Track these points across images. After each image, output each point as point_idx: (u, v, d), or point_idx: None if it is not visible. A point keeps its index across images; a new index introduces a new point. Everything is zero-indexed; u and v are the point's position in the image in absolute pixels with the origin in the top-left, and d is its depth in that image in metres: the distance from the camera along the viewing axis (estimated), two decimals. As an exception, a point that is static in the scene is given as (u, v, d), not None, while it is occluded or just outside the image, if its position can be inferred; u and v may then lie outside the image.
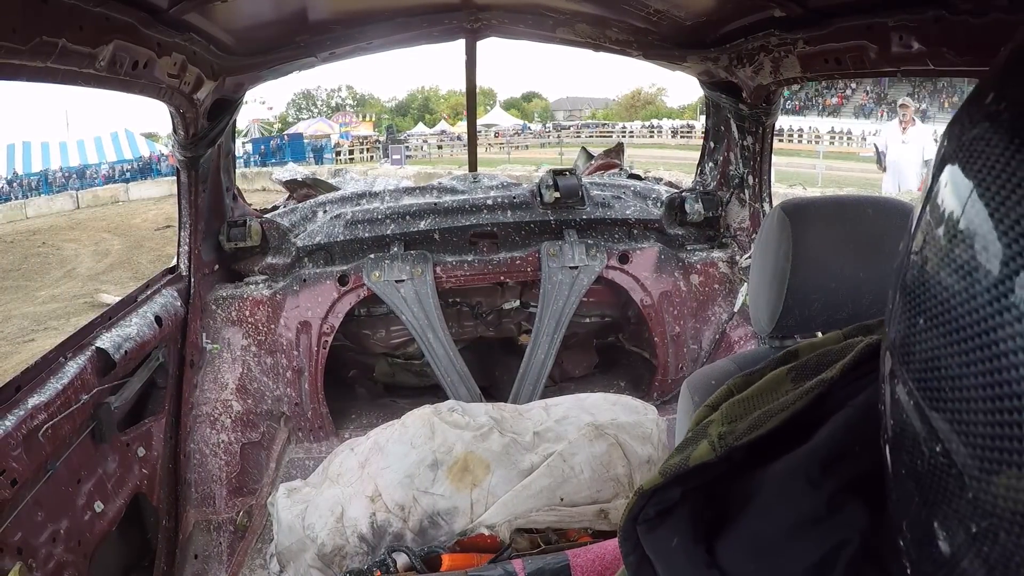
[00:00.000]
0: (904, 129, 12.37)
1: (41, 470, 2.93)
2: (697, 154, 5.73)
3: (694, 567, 0.75)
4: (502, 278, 5.18)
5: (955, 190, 0.51)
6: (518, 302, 5.59)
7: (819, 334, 1.73)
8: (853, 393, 0.76)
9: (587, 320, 5.75)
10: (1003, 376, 0.45)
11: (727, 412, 0.84)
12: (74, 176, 46.09)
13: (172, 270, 4.55)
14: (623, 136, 59.77)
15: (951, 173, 0.51)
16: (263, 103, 74.37)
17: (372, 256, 4.96)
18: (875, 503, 0.68)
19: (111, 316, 3.76)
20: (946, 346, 0.50)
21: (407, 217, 5.11)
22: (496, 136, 62.34)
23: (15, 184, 44.00)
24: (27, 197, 40.28)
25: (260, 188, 30.54)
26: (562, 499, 3.32)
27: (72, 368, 3.22)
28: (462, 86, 6.54)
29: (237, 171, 5.29)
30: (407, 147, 53.18)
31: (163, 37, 3.26)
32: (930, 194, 0.54)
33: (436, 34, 5.11)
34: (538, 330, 4.95)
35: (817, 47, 3.51)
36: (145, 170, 48.02)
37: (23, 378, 2.98)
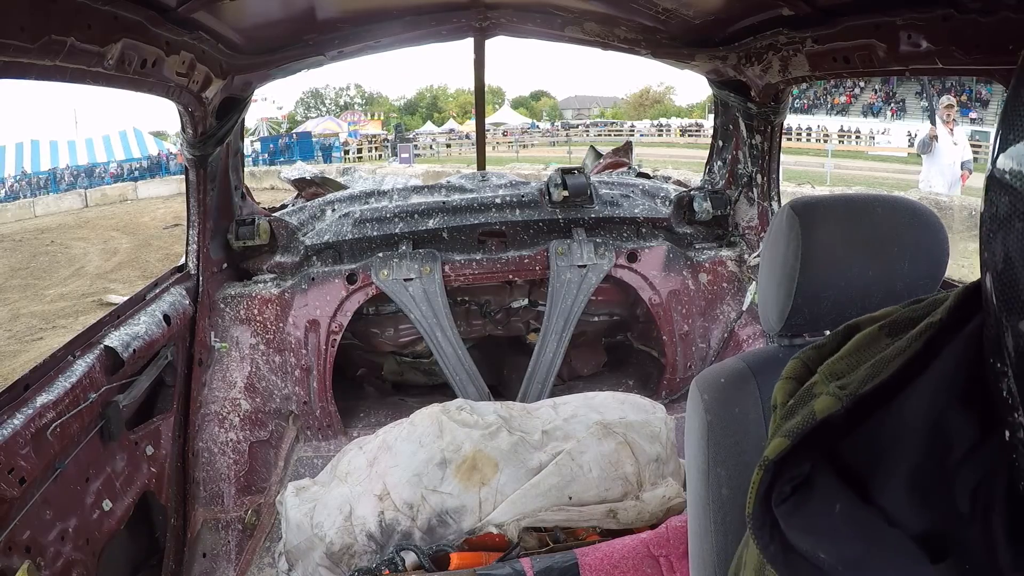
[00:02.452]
0: (951, 130, 12.42)
1: (49, 469, 2.93)
2: (705, 153, 5.72)
3: (869, 528, 0.75)
4: (510, 276, 5.17)
5: None
6: (526, 300, 5.58)
7: (828, 333, 1.73)
8: (956, 331, 0.79)
9: (595, 319, 5.74)
10: None
11: (829, 371, 0.85)
12: (82, 174, 46.21)
13: (181, 268, 4.55)
14: (631, 135, 59.78)
15: None
16: (272, 102, 74.54)
17: (380, 255, 4.96)
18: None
19: (120, 314, 3.76)
20: None
21: (416, 216, 5.11)
22: (504, 135, 62.33)
23: (24, 182, 44.12)
24: (36, 195, 40.43)
25: (269, 187, 30.59)
26: (570, 498, 3.31)
27: (80, 366, 3.22)
28: (471, 85, 6.56)
29: (245, 170, 5.28)
30: (416, 145, 53.30)
31: (171, 36, 3.26)
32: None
33: (445, 33, 5.11)
34: (546, 329, 4.95)
35: (826, 46, 3.50)
36: (154, 168, 48.16)
37: (31, 376, 2.98)
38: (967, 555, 0.70)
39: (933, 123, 12.29)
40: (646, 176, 6.54)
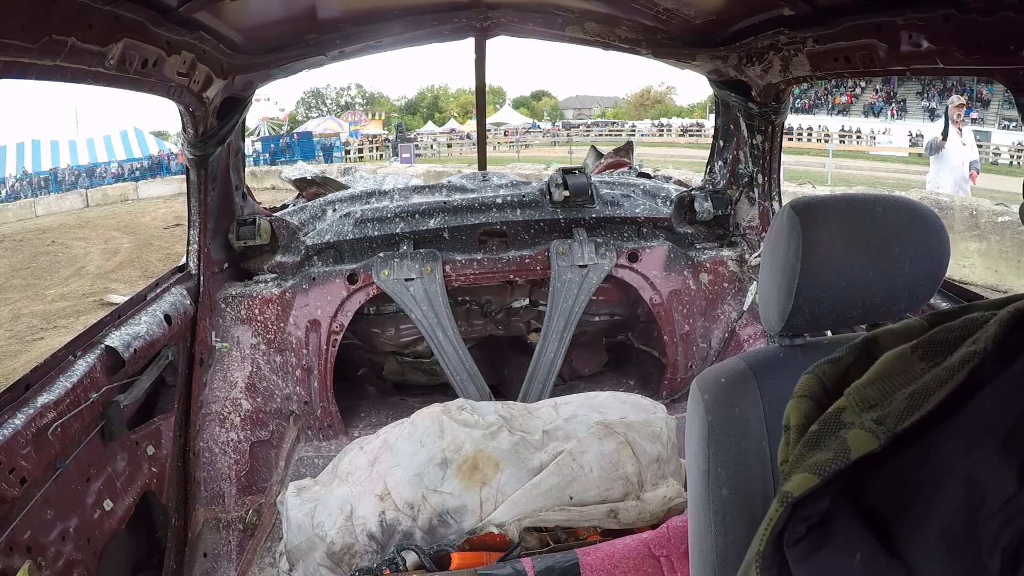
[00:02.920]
0: (961, 131, 12.45)
1: (50, 468, 2.93)
2: (706, 153, 5.72)
3: None
4: (511, 276, 5.17)
5: None
6: (527, 300, 5.58)
7: (828, 333, 1.73)
8: (1006, 363, 0.75)
9: (596, 318, 5.74)
10: None
11: (859, 397, 0.80)
12: (83, 174, 46.21)
13: (181, 268, 4.55)
14: (632, 135, 59.79)
15: None
16: (277, 105, 74.54)
17: (381, 254, 4.96)
18: None
19: (120, 314, 3.76)
20: None
21: (416, 215, 5.11)
22: (506, 134, 62.33)
23: (25, 182, 44.14)
24: (37, 195, 40.44)
25: (270, 186, 30.62)
26: (571, 498, 3.31)
27: (81, 366, 3.22)
28: (471, 85, 6.58)
29: (246, 169, 5.28)
30: (417, 145, 53.35)
31: (172, 35, 3.26)
32: None
33: (446, 33, 5.11)
34: (547, 328, 4.95)
35: (826, 46, 3.50)
36: (154, 168, 48.17)
37: (32, 376, 2.98)
38: None
39: (947, 127, 12.28)
40: (647, 176, 6.53)
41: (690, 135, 61.26)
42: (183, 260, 4.64)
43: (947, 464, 0.72)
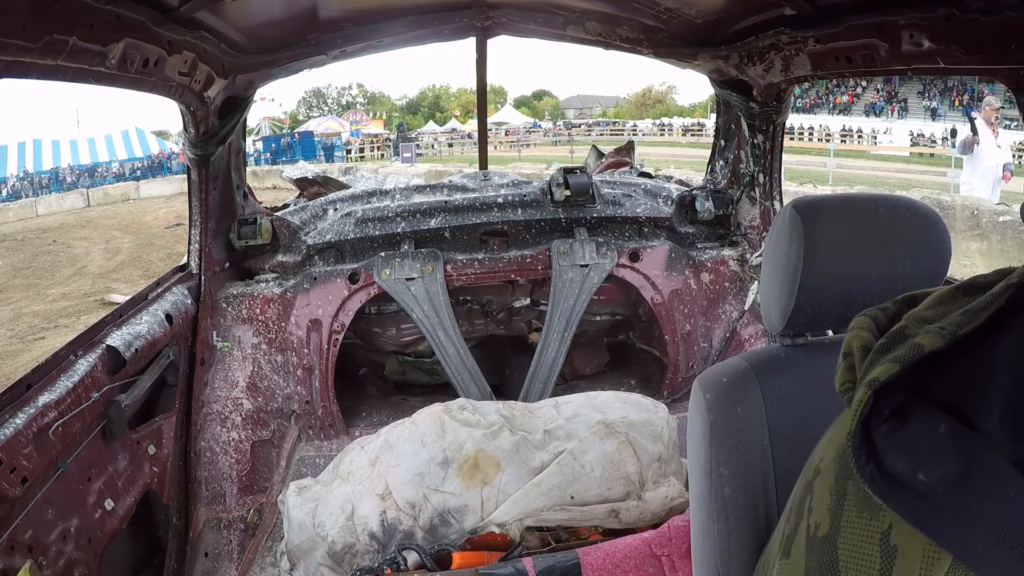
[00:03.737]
0: (996, 132, 12.45)
1: (51, 468, 2.93)
2: (708, 152, 5.72)
3: (970, 448, 0.79)
4: (512, 276, 5.17)
5: None
6: (528, 300, 5.58)
7: (830, 332, 1.73)
8: None
9: (597, 318, 5.74)
10: None
11: (918, 318, 0.90)
12: (85, 174, 46.21)
13: (183, 268, 4.55)
14: (633, 134, 59.76)
15: None
16: (274, 101, 74.50)
17: (383, 254, 4.96)
18: None
19: (122, 314, 3.76)
20: None
21: (418, 215, 5.10)
22: (507, 134, 62.30)
23: (26, 182, 44.15)
24: (38, 195, 40.43)
25: (271, 186, 30.60)
26: (572, 497, 3.31)
27: (83, 366, 3.22)
28: (473, 84, 6.55)
29: (248, 169, 5.28)
30: (418, 145, 53.27)
31: (173, 35, 3.26)
32: None
33: (447, 32, 5.11)
34: (548, 328, 4.95)
35: (828, 45, 3.50)
36: (156, 168, 48.17)
37: (33, 376, 2.98)
38: None
39: (974, 130, 12.28)
40: (648, 175, 6.54)
41: (691, 135, 61.22)
42: (184, 260, 4.64)
43: (1000, 362, 0.82)
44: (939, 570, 0.78)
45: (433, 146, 59.49)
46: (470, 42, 5.65)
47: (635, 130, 65.53)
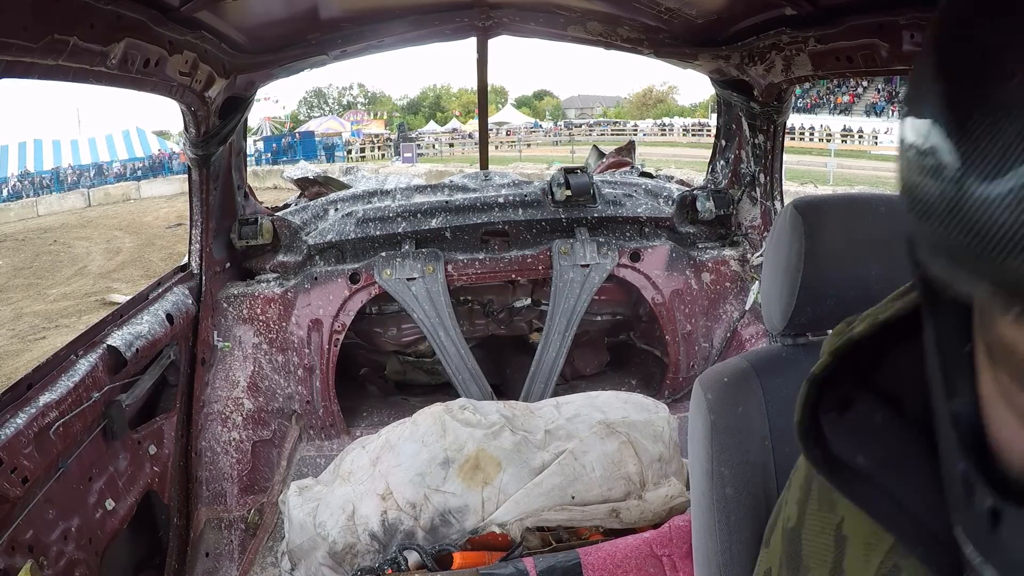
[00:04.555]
0: None
1: (52, 468, 2.93)
2: (708, 152, 5.72)
3: (905, 433, 0.85)
4: (513, 276, 5.17)
5: None
6: (529, 300, 5.58)
7: (831, 332, 1.73)
8: None
9: (598, 318, 5.74)
10: None
11: (872, 310, 0.94)
12: (85, 174, 46.24)
13: (183, 268, 4.55)
14: (634, 134, 59.75)
15: None
16: (283, 106, 74.58)
17: (383, 254, 4.97)
18: None
19: (122, 314, 3.76)
20: None
21: (418, 215, 5.11)
22: (508, 134, 62.30)
23: (27, 182, 44.19)
24: (39, 195, 40.47)
25: (272, 186, 30.64)
26: (573, 497, 3.31)
27: (83, 366, 3.22)
28: (473, 84, 6.54)
29: (249, 169, 5.29)
30: (419, 145, 53.29)
31: (174, 35, 3.26)
32: None
33: (448, 32, 5.11)
34: (549, 328, 4.95)
35: (828, 45, 3.50)
36: (156, 168, 48.21)
37: (34, 376, 2.98)
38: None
39: None
40: (649, 175, 6.54)
41: (692, 135, 61.22)
42: (185, 259, 4.64)
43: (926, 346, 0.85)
44: (878, 553, 0.86)
45: (434, 146, 59.51)
46: (471, 42, 5.66)
47: (636, 130, 65.51)
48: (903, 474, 0.83)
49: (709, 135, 48.00)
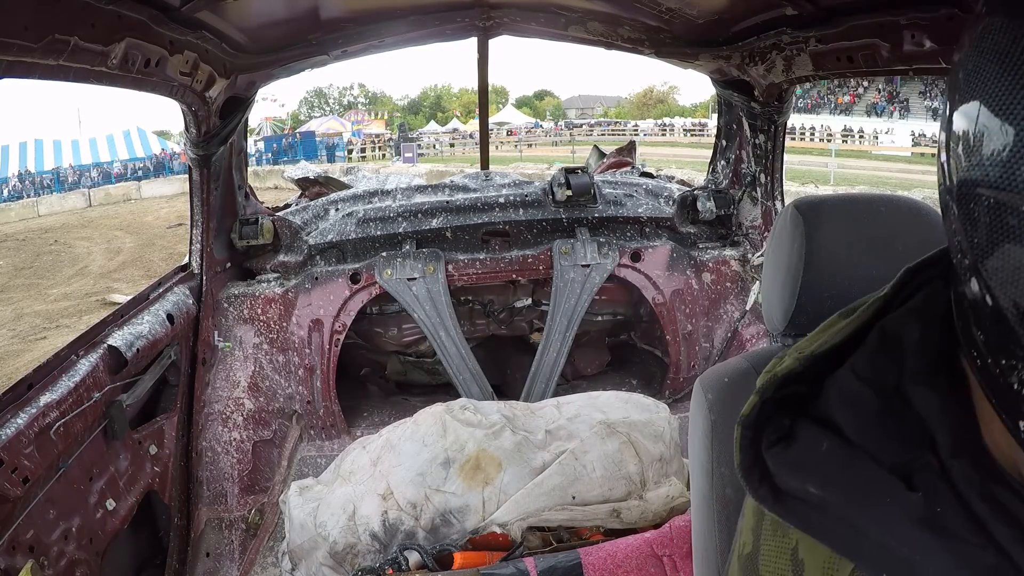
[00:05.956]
0: None
1: (53, 468, 2.93)
2: (709, 152, 5.72)
3: (853, 461, 0.86)
4: (514, 276, 5.17)
5: None
6: (530, 300, 5.58)
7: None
8: (903, 301, 0.95)
9: (599, 318, 5.74)
10: None
11: (798, 347, 0.98)
12: (86, 174, 46.25)
13: (184, 268, 4.55)
14: (635, 134, 59.75)
15: None
16: (275, 101, 74.54)
17: (384, 254, 4.97)
18: None
19: (123, 314, 3.76)
20: None
21: (419, 215, 5.11)
22: (509, 134, 62.29)
23: (27, 182, 44.21)
24: (39, 195, 40.48)
25: (272, 186, 30.64)
26: (574, 497, 3.31)
27: (84, 366, 3.22)
28: (474, 84, 6.55)
29: (249, 169, 5.29)
30: (419, 145, 53.29)
31: (175, 35, 3.26)
32: None
33: (448, 32, 5.11)
34: (550, 328, 4.94)
35: (829, 45, 3.49)
36: (157, 168, 48.22)
37: (35, 376, 2.98)
38: (931, 482, 0.81)
39: None
40: (650, 175, 6.55)
41: (693, 135, 61.21)
42: (186, 259, 4.64)
43: (860, 376, 0.92)
44: None
45: (435, 146, 59.51)
46: (472, 42, 5.66)
47: (637, 130, 65.52)
48: (860, 499, 0.83)
49: (710, 135, 47.97)
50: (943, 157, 0.76)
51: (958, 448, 0.80)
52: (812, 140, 52.56)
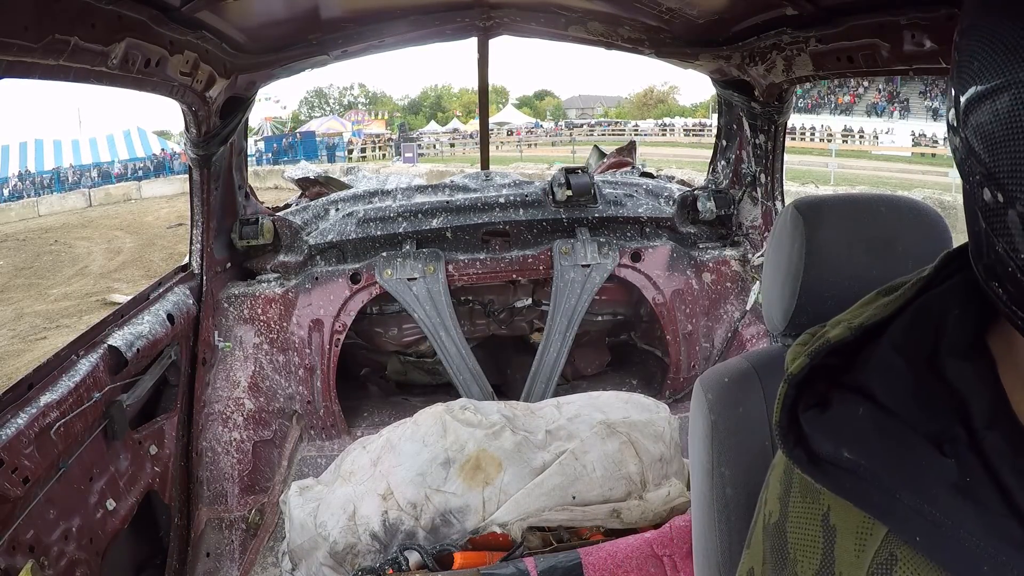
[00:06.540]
0: None
1: (53, 468, 2.93)
2: (709, 152, 5.72)
3: (889, 426, 0.88)
4: (514, 276, 5.17)
5: None
6: (530, 300, 5.58)
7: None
8: (942, 281, 0.97)
9: (599, 318, 5.74)
10: None
11: (843, 318, 1.00)
12: (87, 173, 46.26)
13: (184, 268, 4.55)
14: (635, 134, 59.71)
15: None
16: (276, 101, 74.59)
17: (384, 254, 4.97)
18: None
19: (123, 314, 3.76)
20: None
21: (419, 215, 5.11)
22: (510, 134, 62.27)
23: (28, 182, 44.21)
24: (39, 195, 40.48)
25: (272, 186, 30.66)
26: (574, 497, 3.31)
27: (84, 366, 3.22)
28: (474, 84, 6.54)
29: (249, 169, 5.29)
30: (419, 145, 53.27)
31: (175, 35, 3.26)
32: None
33: (448, 32, 5.11)
34: (550, 328, 4.94)
35: (829, 45, 3.49)
36: (157, 168, 48.22)
37: (35, 376, 2.98)
38: (961, 452, 0.82)
39: None
40: (650, 175, 6.54)
41: (693, 135, 61.19)
42: (186, 259, 4.64)
43: (900, 347, 0.94)
44: (873, 543, 0.87)
45: (435, 146, 59.49)
46: (472, 42, 5.66)
47: (637, 130, 65.47)
48: (895, 463, 0.85)
49: (710, 135, 47.97)
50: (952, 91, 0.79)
51: (993, 418, 0.82)
52: (812, 140, 52.55)
